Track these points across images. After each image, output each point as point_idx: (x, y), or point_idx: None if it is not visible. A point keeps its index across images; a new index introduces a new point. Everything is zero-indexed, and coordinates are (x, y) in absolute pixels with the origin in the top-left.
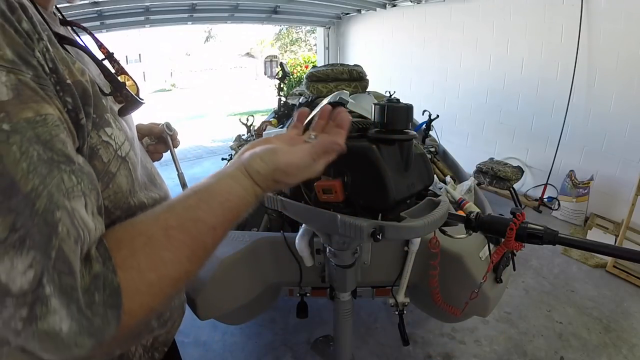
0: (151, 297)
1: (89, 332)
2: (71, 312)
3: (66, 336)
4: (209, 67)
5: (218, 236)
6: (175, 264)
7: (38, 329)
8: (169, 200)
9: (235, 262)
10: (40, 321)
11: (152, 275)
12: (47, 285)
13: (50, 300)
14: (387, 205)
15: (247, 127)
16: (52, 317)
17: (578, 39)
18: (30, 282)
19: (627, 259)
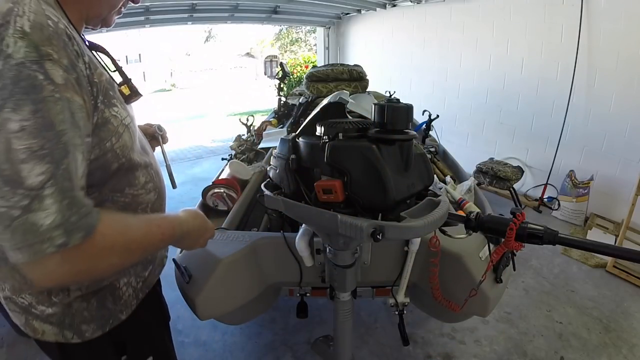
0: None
1: (64, 228)
2: (61, 206)
3: (44, 229)
4: (209, 67)
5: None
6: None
7: (27, 219)
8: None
9: (235, 262)
10: (31, 213)
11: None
12: (48, 189)
13: (45, 199)
14: (387, 205)
15: (247, 127)
16: (41, 213)
17: (578, 39)
18: (39, 183)
19: (627, 259)
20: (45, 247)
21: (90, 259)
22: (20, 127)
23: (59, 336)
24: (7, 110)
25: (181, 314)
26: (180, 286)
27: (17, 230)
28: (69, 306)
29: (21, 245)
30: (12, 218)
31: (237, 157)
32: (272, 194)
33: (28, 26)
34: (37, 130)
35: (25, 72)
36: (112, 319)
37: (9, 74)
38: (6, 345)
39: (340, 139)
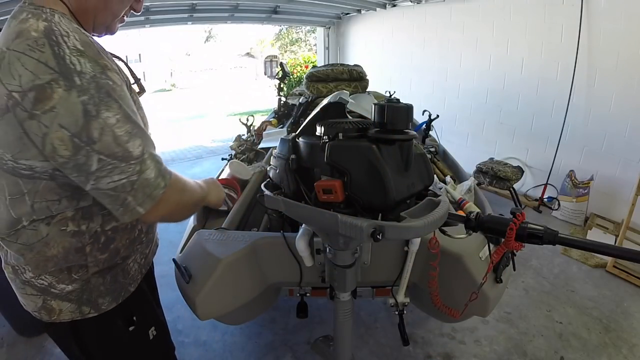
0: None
1: (161, 175)
2: (154, 163)
3: (153, 179)
4: (209, 67)
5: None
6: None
7: (142, 177)
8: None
9: (235, 262)
10: (143, 173)
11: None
12: (145, 154)
13: (147, 161)
14: (387, 205)
15: (247, 127)
16: (148, 170)
17: (578, 39)
18: (140, 152)
19: (627, 259)
20: (157, 192)
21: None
22: (116, 120)
23: (75, 313)
24: (103, 111)
25: (181, 314)
26: (180, 286)
27: (138, 190)
28: (87, 282)
29: (142, 199)
30: (133, 182)
31: (237, 157)
32: (272, 194)
33: (80, 45)
34: (125, 118)
35: (101, 82)
36: (124, 291)
37: (90, 86)
38: (6, 345)
39: (340, 139)
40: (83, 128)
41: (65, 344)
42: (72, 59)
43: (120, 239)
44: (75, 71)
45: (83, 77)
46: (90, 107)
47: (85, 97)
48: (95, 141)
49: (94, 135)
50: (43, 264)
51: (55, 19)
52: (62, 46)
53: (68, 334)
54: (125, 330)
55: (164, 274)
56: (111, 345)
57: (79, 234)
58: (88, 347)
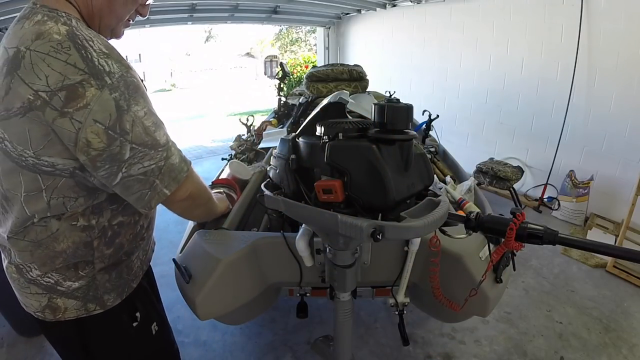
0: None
1: (184, 160)
2: (177, 151)
3: (177, 164)
4: (209, 67)
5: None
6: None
7: (168, 162)
8: None
9: (235, 262)
10: (169, 158)
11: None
12: (169, 142)
13: (171, 148)
14: (387, 205)
15: (247, 127)
16: (173, 156)
17: (578, 39)
18: (165, 140)
19: (627, 259)
20: (182, 175)
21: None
22: (144, 113)
23: (80, 310)
24: (133, 106)
25: (181, 314)
26: (180, 286)
27: (165, 174)
28: (93, 278)
29: (168, 182)
30: (161, 167)
31: (237, 157)
32: (272, 194)
33: (104, 48)
34: (150, 111)
35: (128, 80)
36: (127, 287)
37: (120, 84)
38: (6, 345)
39: (340, 139)
40: (116, 121)
41: (66, 343)
42: (100, 61)
43: (125, 233)
44: (105, 72)
45: (113, 77)
46: (122, 103)
47: (117, 94)
48: (128, 132)
49: (127, 127)
50: (50, 261)
51: (74, 23)
52: (88, 50)
53: (71, 332)
54: (129, 325)
55: (164, 274)
56: (115, 341)
57: (88, 228)
58: (91, 345)
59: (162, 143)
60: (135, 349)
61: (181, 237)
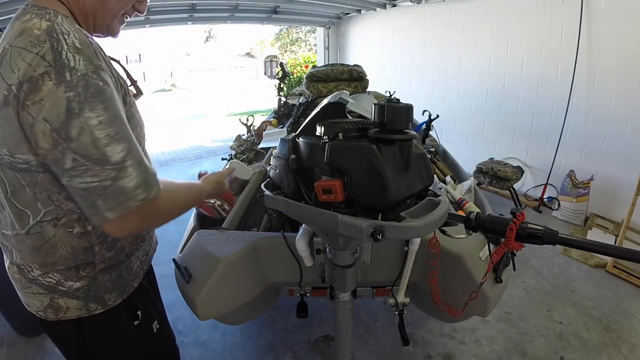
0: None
1: (143, 186)
2: (139, 171)
3: (130, 189)
4: (209, 67)
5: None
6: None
7: (117, 185)
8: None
9: (235, 262)
10: (119, 180)
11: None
12: (129, 161)
13: (128, 169)
14: (387, 205)
15: (247, 127)
16: (127, 178)
17: (578, 39)
18: (121, 158)
19: (627, 259)
20: (131, 202)
21: (162, 210)
22: (98, 122)
23: (82, 310)
24: (86, 111)
25: (181, 314)
26: (180, 286)
27: (109, 196)
28: (94, 279)
29: (113, 205)
30: (105, 187)
31: (237, 157)
32: (272, 194)
33: (78, 43)
34: (110, 122)
35: (90, 81)
36: (128, 287)
37: (79, 83)
38: (6, 345)
39: (340, 139)
40: (63, 124)
41: (68, 343)
42: (67, 55)
43: (125, 237)
44: (68, 67)
45: (74, 74)
46: (74, 105)
47: (72, 94)
48: (73, 139)
49: (72, 133)
50: (51, 264)
51: (58, 19)
52: (61, 42)
53: (72, 332)
54: (130, 324)
55: (164, 274)
56: (116, 340)
57: (85, 234)
58: (92, 344)
59: (113, 160)
60: (136, 348)
61: (181, 237)
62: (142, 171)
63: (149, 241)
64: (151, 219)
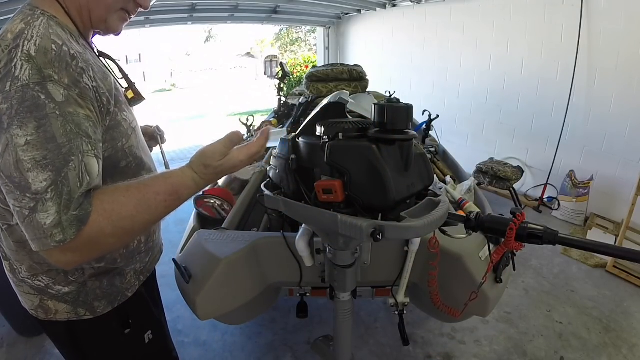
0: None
1: (61, 226)
2: (59, 208)
3: (46, 228)
4: (209, 67)
5: (160, 200)
6: (127, 207)
7: (34, 218)
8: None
9: (235, 262)
10: (37, 213)
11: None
12: (50, 193)
13: (47, 202)
14: (387, 205)
15: (247, 127)
16: (44, 214)
17: (578, 39)
18: (42, 188)
19: (627, 259)
20: (49, 242)
21: (87, 246)
22: (25, 142)
23: (71, 314)
24: (14, 127)
25: (181, 314)
26: (180, 286)
27: (29, 226)
28: (84, 285)
29: (33, 237)
30: (25, 216)
31: None
32: (272, 194)
33: (34, 50)
34: (40, 144)
35: (29, 93)
36: (120, 296)
37: (16, 95)
38: (6, 345)
39: (340, 139)
40: None
41: (62, 341)
42: (17, 62)
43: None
44: (11, 76)
45: (14, 84)
46: (5, 118)
47: (5, 106)
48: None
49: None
50: (37, 265)
51: (37, 22)
52: (18, 48)
53: (64, 332)
54: (120, 332)
55: (164, 274)
56: (106, 346)
57: None
58: (83, 347)
59: (33, 189)
60: (126, 356)
61: (181, 237)
62: (62, 208)
63: (149, 252)
64: (90, 250)
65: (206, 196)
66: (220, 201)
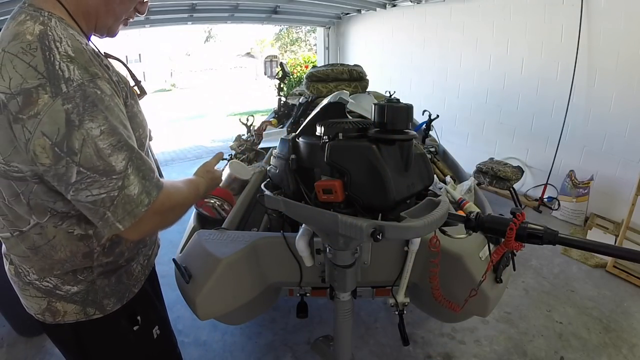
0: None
1: (145, 191)
2: (140, 179)
3: (136, 196)
4: (209, 67)
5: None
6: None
7: (124, 194)
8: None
9: (235, 262)
10: (125, 188)
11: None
12: (129, 168)
13: (130, 176)
14: (387, 205)
15: (247, 127)
16: (131, 186)
17: (578, 39)
18: (123, 166)
19: (627, 259)
20: (139, 209)
21: (162, 213)
22: (100, 132)
23: (80, 314)
24: (87, 122)
25: (181, 314)
26: (180, 286)
27: (118, 206)
28: (92, 283)
29: (122, 216)
30: (113, 198)
31: (237, 157)
32: (272, 194)
33: (71, 51)
34: (111, 131)
35: (88, 90)
36: (128, 292)
37: (76, 94)
38: (6, 345)
39: (340, 139)
40: (64, 138)
41: (67, 345)
42: (61, 65)
43: (125, 241)
44: (63, 78)
45: (70, 85)
46: (74, 117)
47: (70, 106)
48: (76, 152)
49: (75, 146)
50: (49, 267)
51: (52, 23)
52: (53, 51)
53: (71, 335)
54: (129, 329)
55: (164, 274)
56: (115, 346)
57: (86, 237)
58: (91, 348)
59: (117, 169)
60: (136, 353)
61: (181, 237)
62: (141, 177)
63: (151, 245)
64: (161, 219)
65: (206, 196)
66: (220, 201)
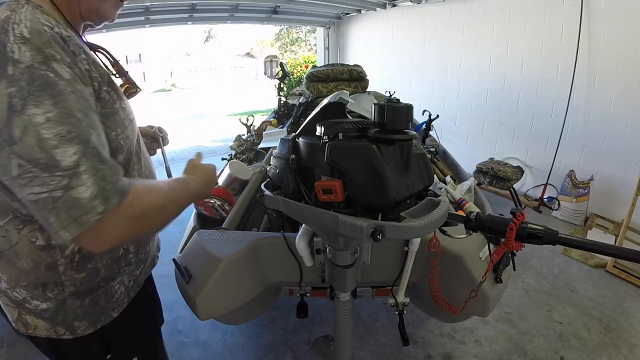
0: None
1: (102, 197)
2: (96, 178)
3: (86, 201)
4: (209, 67)
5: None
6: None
7: (70, 195)
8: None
9: (235, 262)
10: (72, 190)
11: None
12: (83, 165)
13: (82, 175)
14: (387, 205)
15: (247, 127)
16: (81, 187)
17: (578, 39)
18: (73, 162)
19: (627, 259)
20: (89, 217)
21: (129, 221)
22: (45, 119)
23: (50, 331)
24: (30, 107)
25: (181, 314)
26: (180, 286)
27: (61, 210)
28: (63, 302)
29: (67, 222)
30: (55, 199)
31: (237, 157)
32: (272, 194)
33: (27, 32)
34: (61, 119)
35: (37, 73)
36: (104, 316)
37: (23, 77)
38: (6, 345)
39: (340, 139)
40: (5, 124)
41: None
42: (12, 47)
43: (99, 258)
44: (11, 60)
45: (17, 67)
46: (16, 101)
47: (14, 89)
48: (16, 141)
49: (15, 134)
50: (15, 276)
51: (22, 9)
52: (8, 33)
53: (47, 347)
54: (101, 358)
55: (164, 274)
56: None
57: (48, 248)
58: None
59: (63, 165)
60: None
61: (181, 237)
62: (99, 178)
63: (139, 264)
64: (132, 226)
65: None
66: (221, 201)
